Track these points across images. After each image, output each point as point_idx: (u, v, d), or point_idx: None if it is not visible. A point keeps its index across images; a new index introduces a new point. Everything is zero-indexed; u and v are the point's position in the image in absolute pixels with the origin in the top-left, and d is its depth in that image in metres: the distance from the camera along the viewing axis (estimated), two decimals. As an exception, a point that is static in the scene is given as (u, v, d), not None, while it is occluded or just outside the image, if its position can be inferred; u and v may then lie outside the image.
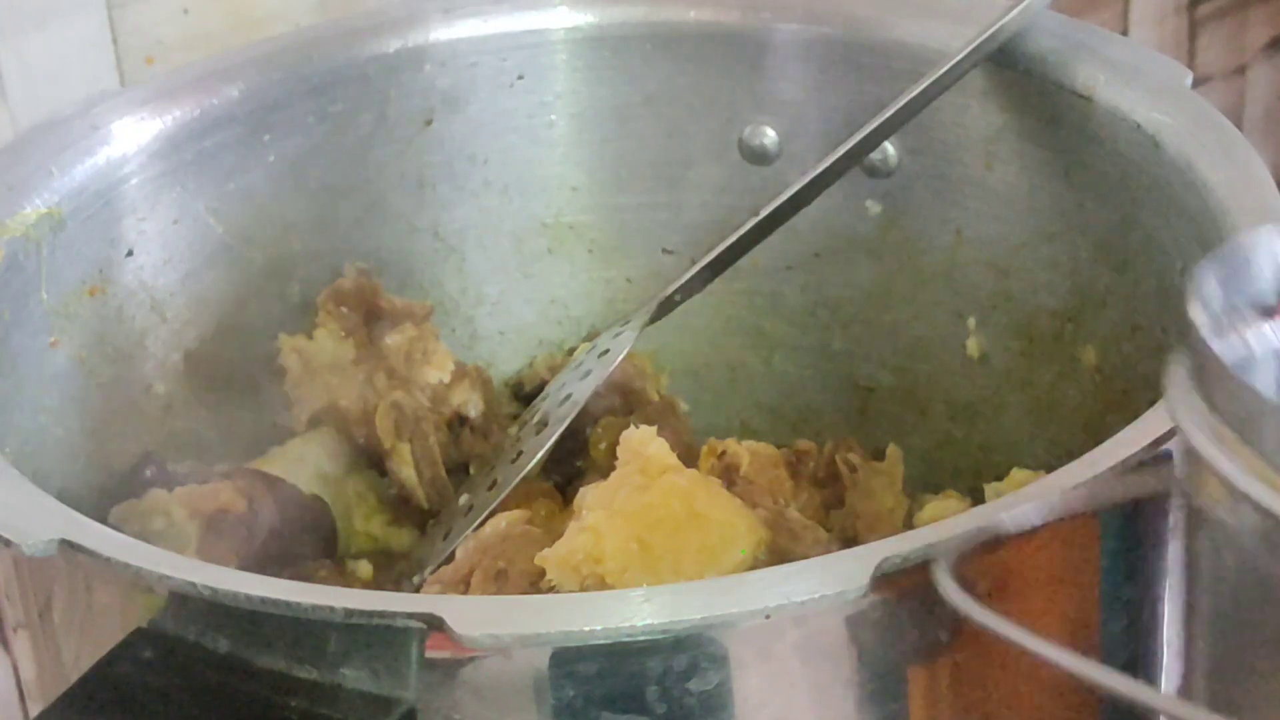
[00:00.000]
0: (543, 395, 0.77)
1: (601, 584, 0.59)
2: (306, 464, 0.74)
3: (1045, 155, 0.73)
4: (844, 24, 0.77)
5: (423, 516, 0.74)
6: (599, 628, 0.49)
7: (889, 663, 0.53)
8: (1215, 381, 0.45)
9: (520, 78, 0.79)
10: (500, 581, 0.62)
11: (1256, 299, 0.49)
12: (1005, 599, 0.53)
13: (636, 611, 0.49)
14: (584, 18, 0.79)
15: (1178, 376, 0.46)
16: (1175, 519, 0.57)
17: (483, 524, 0.67)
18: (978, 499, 0.68)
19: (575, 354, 0.80)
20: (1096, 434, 0.55)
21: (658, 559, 0.59)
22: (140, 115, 0.73)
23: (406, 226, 0.80)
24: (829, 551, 0.63)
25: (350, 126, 0.77)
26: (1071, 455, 0.54)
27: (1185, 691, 0.49)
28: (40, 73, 0.78)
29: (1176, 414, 0.46)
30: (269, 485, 0.70)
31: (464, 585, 0.63)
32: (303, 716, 0.50)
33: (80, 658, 0.59)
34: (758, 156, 0.79)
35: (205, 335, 0.75)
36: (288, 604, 0.50)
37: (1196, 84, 0.70)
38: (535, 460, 0.72)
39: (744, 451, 0.67)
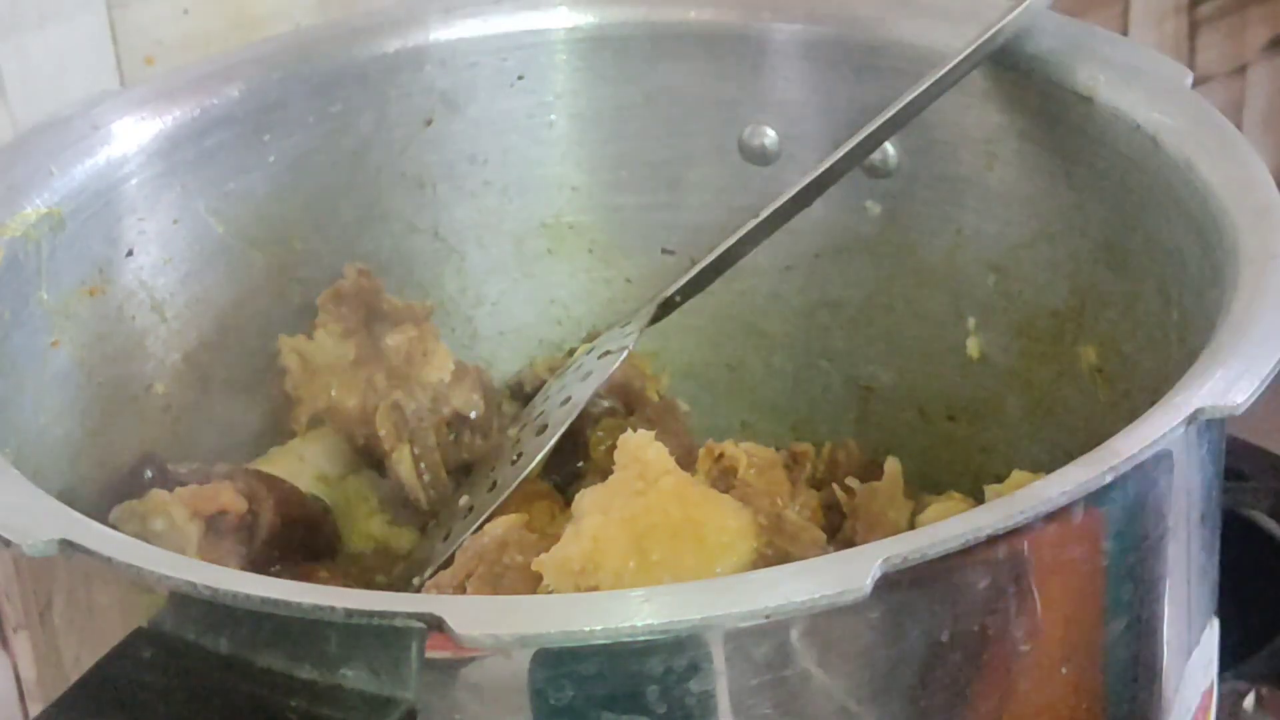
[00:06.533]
0: (543, 396, 0.77)
1: (598, 589, 0.59)
2: (306, 464, 0.74)
3: (1045, 155, 0.73)
4: (844, 24, 0.77)
5: (423, 516, 0.74)
6: (599, 628, 0.49)
7: (889, 663, 0.53)
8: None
9: (520, 78, 0.79)
10: (497, 586, 0.62)
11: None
12: (1005, 598, 0.53)
13: (636, 612, 0.49)
14: (584, 18, 0.79)
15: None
16: (1175, 519, 0.57)
17: (482, 526, 0.67)
18: (978, 499, 0.68)
19: (575, 355, 0.80)
20: (1096, 434, 0.55)
21: (654, 563, 0.59)
22: (140, 115, 0.73)
23: (406, 226, 0.80)
24: (828, 552, 0.63)
25: (350, 126, 0.77)
26: (1071, 455, 0.54)
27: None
28: (40, 73, 0.78)
29: None
30: (269, 485, 0.69)
31: (461, 590, 0.63)
32: (303, 716, 0.50)
33: (80, 658, 0.59)
34: (758, 156, 0.79)
35: (205, 335, 0.75)
36: (288, 604, 0.50)
37: (1196, 84, 0.70)
38: (535, 462, 0.72)
39: (742, 453, 0.67)
